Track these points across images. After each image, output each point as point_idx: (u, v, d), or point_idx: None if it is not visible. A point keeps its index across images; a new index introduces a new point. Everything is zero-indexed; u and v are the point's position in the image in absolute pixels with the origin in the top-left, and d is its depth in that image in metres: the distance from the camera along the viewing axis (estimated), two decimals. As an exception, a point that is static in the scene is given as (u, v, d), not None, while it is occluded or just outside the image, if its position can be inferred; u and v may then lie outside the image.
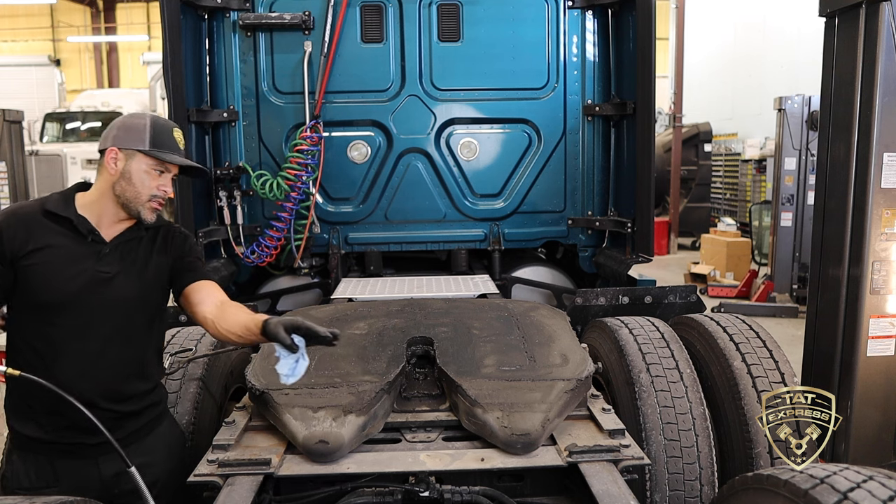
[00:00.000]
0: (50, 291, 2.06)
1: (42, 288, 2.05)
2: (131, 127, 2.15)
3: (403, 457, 2.12)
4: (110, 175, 2.12)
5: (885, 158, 2.98)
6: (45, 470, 2.12)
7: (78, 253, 2.10)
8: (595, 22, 4.40)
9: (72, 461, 2.14)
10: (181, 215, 3.97)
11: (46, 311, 2.07)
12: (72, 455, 2.14)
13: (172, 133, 2.19)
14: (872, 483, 1.51)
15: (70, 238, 2.10)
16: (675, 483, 2.50)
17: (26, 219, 2.08)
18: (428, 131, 4.38)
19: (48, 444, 2.11)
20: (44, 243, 2.06)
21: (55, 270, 2.06)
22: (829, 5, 3.14)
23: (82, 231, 2.11)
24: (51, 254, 2.06)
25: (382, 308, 3.09)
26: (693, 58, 14.91)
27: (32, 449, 2.13)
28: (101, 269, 2.12)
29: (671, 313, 3.64)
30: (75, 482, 2.13)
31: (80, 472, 2.14)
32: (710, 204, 14.73)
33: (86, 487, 2.12)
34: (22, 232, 2.05)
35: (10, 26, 24.75)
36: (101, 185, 2.15)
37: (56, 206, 2.11)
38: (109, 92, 18.56)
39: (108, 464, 2.16)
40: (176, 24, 3.86)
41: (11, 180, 8.08)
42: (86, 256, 2.11)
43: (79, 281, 2.09)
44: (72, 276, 2.08)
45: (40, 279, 2.05)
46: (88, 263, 2.11)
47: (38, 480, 2.12)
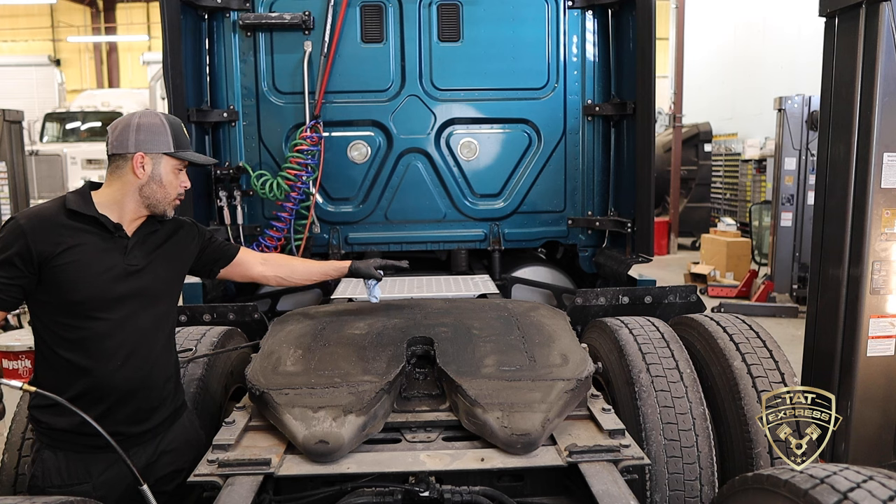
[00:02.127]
0: (86, 288, 2.09)
1: (77, 286, 2.08)
2: (152, 129, 2.18)
3: (403, 457, 2.12)
4: (137, 178, 2.16)
5: (885, 158, 2.98)
6: (77, 466, 2.14)
7: (106, 249, 2.14)
8: (595, 22, 4.40)
9: (104, 454, 2.15)
10: (181, 215, 3.96)
11: (83, 308, 2.10)
12: (103, 449, 2.14)
13: (183, 129, 2.27)
14: (872, 483, 1.51)
15: (96, 235, 2.13)
16: (675, 483, 2.50)
17: (51, 220, 2.10)
18: (428, 131, 4.38)
19: (82, 437, 2.12)
20: (73, 242, 2.09)
21: (88, 268, 2.10)
22: (829, 5, 3.14)
23: (109, 228, 2.15)
24: (81, 252, 2.09)
25: (382, 308, 3.09)
26: (693, 58, 14.91)
27: (65, 445, 2.15)
28: (130, 263, 2.18)
29: (671, 313, 3.64)
30: (107, 476, 2.16)
31: (112, 466, 2.17)
32: (710, 204, 14.73)
33: (118, 480, 2.16)
34: (49, 234, 2.07)
35: (10, 26, 24.75)
36: (123, 187, 2.17)
37: (79, 206, 2.13)
38: (109, 92, 18.55)
39: (139, 456, 2.21)
40: (176, 24, 3.87)
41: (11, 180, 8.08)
42: (114, 251, 2.15)
43: (111, 275, 2.13)
44: (104, 272, 2.12)
45: (74, 277, 2.08)
46: (117, 258, 2.15)
47: (70, 477, 2.13)
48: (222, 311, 3.60)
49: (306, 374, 2.42)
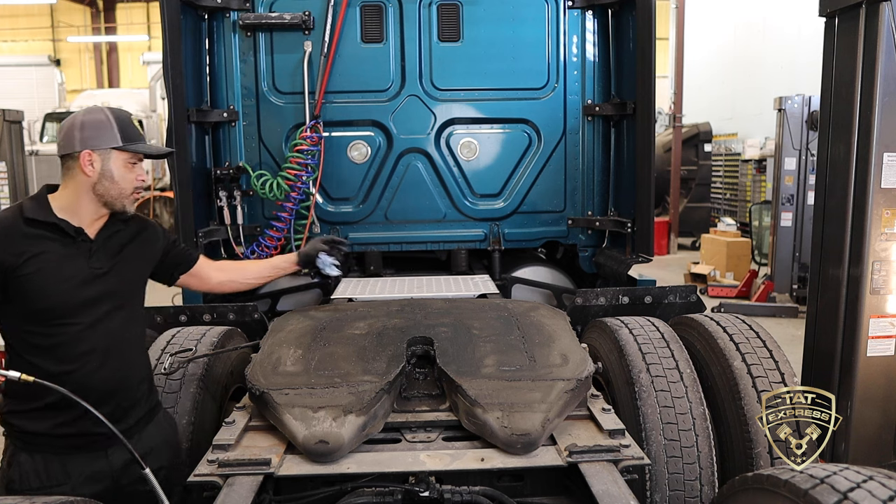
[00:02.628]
0: (54, 296, 2.07)
1: (44, 294, 2.06)
2: (97, 125, 2.13)
3: (403, 457, 2.12)
4: (87, 177, 2.12)
5: (885, 158, 2.98)
6: (55, 467, 2.13)
7: (69, 254, 2.11)
8: (595, 22, 4.40)
9: (81, 455, 2.15)
10: (181, 215, 3.97)
11: (52, 315, 2.09)
12: (81, 449, 2.15)
13: (132, 121, 2.22)
14: (872, 483, 1.51)
15: (58, 241, 2.10)
16: (675, 483, 2.50)
17: (10, 230, 2.07)
18: (428, 131, 4.38)
19: (59, 439, 2.12)
20: (36, 251, 2.06)
21: (53, 275, 2.07)
22: (829, 5, 3.14)
23: (70, 233, 2.11)
24: (44, 260, 2.06)
25: (382, 308, 3.09)
26: (693, 58, 14.91)
27: (41, 447, 2.13)
28: (95, 266, 2.15)
29: (671, 313, 3.64)
30: (86, 476, 2.15)
31: (90, 466, 2.16)
32: (710, 204, 14.73)
33: (97, 480, 2.16)
34: (10, 244, 2.04)
35: (10, 26, 24.75)
36: (76, 187, 2.14)
37: (36, 213, 2.09)
38: (109, 92, 18.57)
39: (117, 454, 2.19)
40: (176, 24, 3.86)
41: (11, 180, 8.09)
42: (77, 256, 2.13)
43: (77, 280, 2.11)
44: (70, 277, 2.10)
45: (40, 286, 2.05)
46: (82, 262, 2.13)
47: (48, 479, 2.12)
48: (222, 311, 3.60)
49: (306, 374, 2.42)
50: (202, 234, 4.10)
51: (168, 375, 2.75)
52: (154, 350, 2.96)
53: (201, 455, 2.15)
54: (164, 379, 2.75)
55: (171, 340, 3.04)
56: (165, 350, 2.93)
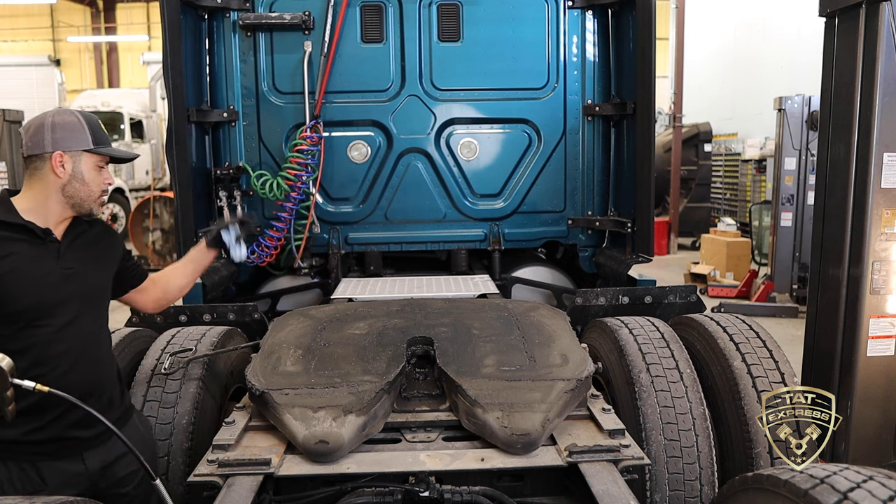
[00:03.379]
0: (25, 297, 2.04)
1: (15, 296, 2.03)
2: (68, 126, 2.13)
3: (403, 457, 2.13)
4: (57, 178, 2.11)
5: (885, 158, 2.98)
6: (30, 476, 2.09)
7: (38, 255, 2.09)
8: (595, 22, 4.40)
9: (57, 461, 2.12)
10: (181, 215, 3.97)
11: (25, 317, 2.05)
12: (56, 455, 2.12)
13: (100, 125, 2.22)
14: (872, 483, 1.51)
15: (26, 242, 2.08)
16: (675, 483, 2.50)
17: None
18: (428, 131, 4.38)
19: (31, 445, 2.08)
20: (4, 253, 2.03)
21: (24, 276, 2.04)
22: (829, 5, 3.14)
23: (38, 234, 2.10)
24: (14, 261, 2.04)
25: (382, 308, 3.09)
26: (693, 58, 14.90)
27: (15, 455, 2.09)
28: (65, 266, 2.14)
29: (671, 313, 3.64)
30: (62, 482, 2.11)
31: (66, 471, 2.13)
32: (710, 204, 14.73)
33: (74, 485, 2.12)
34: None
35: (10, 26, 24.75)
36: (43, 188, 2.12)
37: (2, 215, 2.07)
38: (109, 92, 18.55)
39: (93, 458, 2.16)
40: (176, 24, 3.86)
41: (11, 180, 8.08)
42: (47, 257, 2.11)
43: (48, 281, 2.09)
44: (41, 278, 2.07)
45: (11, 287, 2.02)
46: (51, 263, 2.11)
47: (24, 487, 2.08)
48: (222, 311, 3.60)
49: (306, 374, 2.42)
50: (202, 235, 4.09)
51: (168, 375, 2.75)
52: (154, 350, 2.96)
53: (201, 455, 2.15)
54: (164, 379, 2.75)
55: (171, 340, 3.04)
56: (165, 350, 2.93)
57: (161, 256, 11.75)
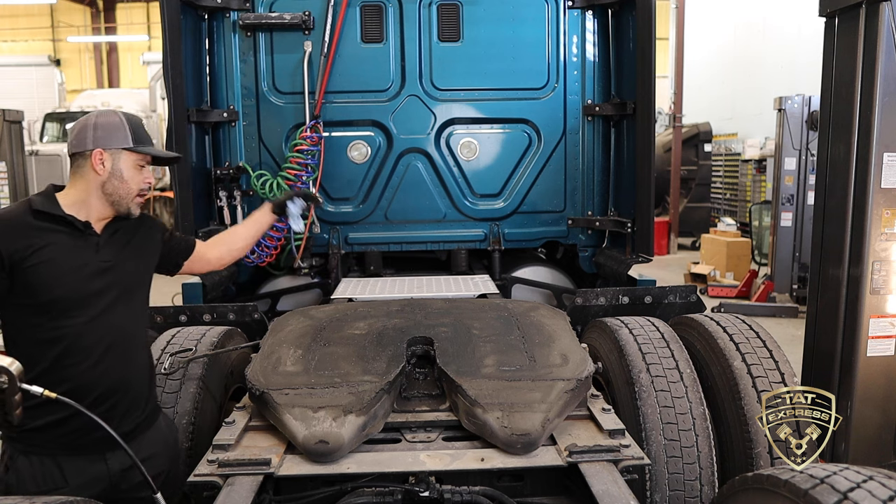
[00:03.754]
0: (60, 287, 2.09)
1: (50, 285, 2.08)
2: (109, 126, 2.18)
3: (403, 457, 2.12)
4: (97, 175, 2.16)
5: (885, 158, 2.98)
6: (53, 472, 2.12)
7: (77, 247, 2.14)
8: (595, 22, 4.40)
9: (79, 459, 2.14)
10: (181, 215, 3.97)
11: (57, 307, 2.10)
12: (80, 451, 2.14)
13: (143, 126, 2.27)
14: (872, 483, 1.51)
15: (66, 234, 2.13)
16: (675, 483, 2.50)
17: (18, 222, 2.09)
18: (428, 131, 4.38)
19: (57, 438, 2.12)
20: (43, 242, 2.08)
21: (60, 266, 2.09)
22: (829, 5, 3.14)
23: (78, 226, 2.15)
24: (52, 251, 2.09)
25: (382, 308, 3.09)
26: (693, 58, 14.91)
27: (39, 449, 2.12)
28: (103, 259, 2.18)
29: (671, 313, 3.64)
30: (84, 479, 2.14)
31: (87, 470, 2.15)
32: (710, 204, 14.73)
33: (94, 484, 2.15)
34: (18, 236, 2.06)
35: (10, 26, 24.74)
36: (85, 185, 2.17)
37: (45, 206, 2.13)
38: (109, 92, 18.53)
39: (115, 459, 2.18)
40: (176, 24, 3.86)
41: (11, 180, 8.09)
42: (85, 249, 2.15)
43: (85, 273, 2.13)
44: (77, 269, 2.12)
45: (47, 277, 2.07)
46: (89, 255, 2.16)
47: (45, 483, 2.11)
48: (222, 311, 3.60)
49: (306, 374, 2.42)
50: (202, 234, 4.10)
51: (168, 375, 2.75)
52: (154, 350, 2.96)
53: (201, 455, 2.15)
54: (164, 379, 2.75)
55: (171, 340, 3.04)
56: (165, 350, 2.93)
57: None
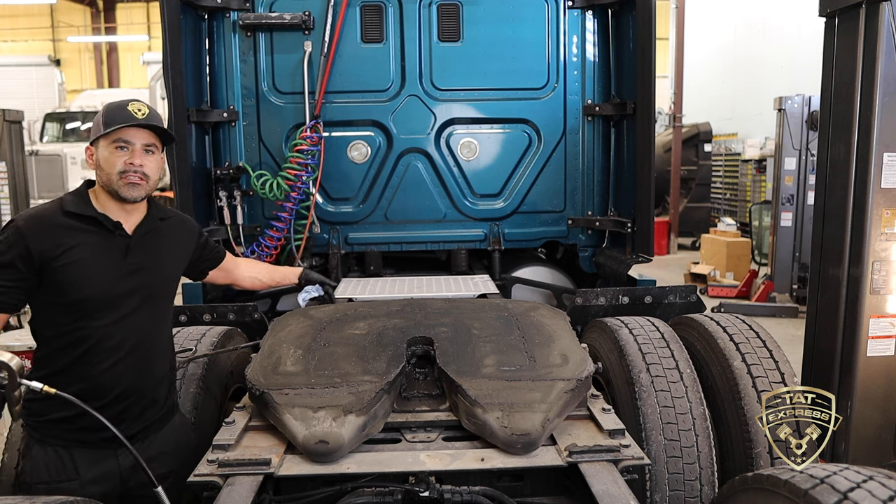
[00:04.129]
0: (88, 287, 2.11)
1: (79, 285, 2.10)
2: (93, 122, 2.24)
3: (403, 457, 2.12)
4: (94, 171, 2.22)
5: (885, 158, 2.98)
6: (66, 463, 2.15)
7: (107, 247, 2.17)
8: (595, 22, 4.40)
9: (92, 452, 2.17)
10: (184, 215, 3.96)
11: (84, 307, 2.12)
12: (93, 445, 2.17)
13: (127, 107, 2.18)
14: (872, 483, 1.51)
15: (96, 234, 2.16)
16: (675, 483, 2.50)
17: (50, 221, 2.12)
18: (428, 131, 4.38)
19: (71, 434, 2.14)
20: (74, 242, 2.11)
21: (89, 267, 2.12)
22: (829, 5, 3.14)
23: (108, 227, 2.18)
24: (82, 251, 2.11)
25: (382, 308, 3.09)
26: (693, 58, 14.91)
27: (53, 440, 2.15)
28: (131, 261, 2.21)
29: (671, 313, 3.64)
30: (95, 474, 2.17)
31: (99, 464, 2.18)
32: (710, 204, 14.73)
33: (105, 479, 2.18)
34: (49, 235, 2.09)
35: (10, 26, 24.75)
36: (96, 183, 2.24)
37: (76, 206, 2.16)
38: (109, 92, 18.55)
39: (126, 456, 2.20)
40: (176, 24, 3.86)
41: (11, 180, 8.08)
42: (114, 250, 2.18)
43: (113, 274, 2.16)
44: (105, 270, 2.15)
45: (76, 277, 2.09)
46: (118, 256, 2.18)
47: (58, 473, 2.14)
48: (222, 311, 3.60)
49: (306, 374, 2.42)
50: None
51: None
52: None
53: (201, 455, 2.15)
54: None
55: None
56: (165, 350, 2.93)
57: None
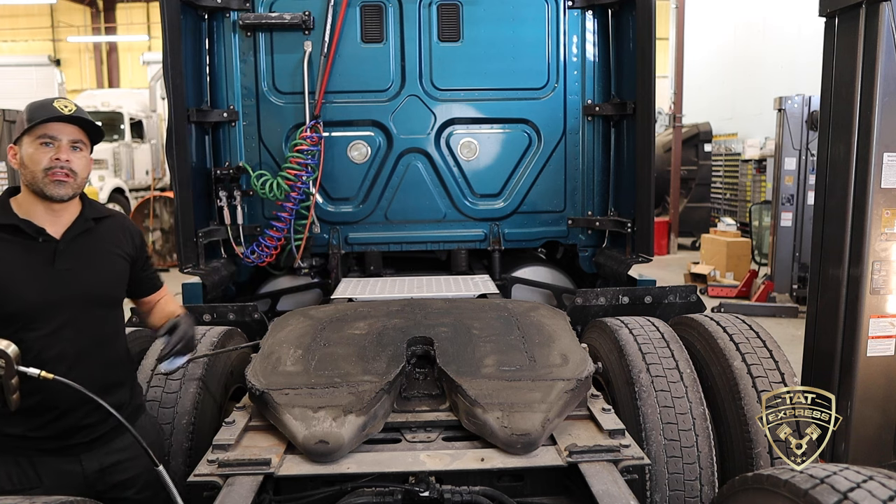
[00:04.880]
0: (16, 300, 2.02)
1: (6, 299, 2.01)
2: (16, 121, 2.14)
3: (403, 457, 2.12)
4: (18, 170, 2.11)
5: (885, 158, 2.98)
6: (27, 471, 2.09)
7: (32, 256, 2.07)
8: (595, 22, 4.40)
9: (54, 459, 2.12)
10: (181, 215, 3.97)
11: (16, 321, 2.02)
12: (56, 453, 2.12)
13: (53, 103, 2.11)
14: (872, 483, 1.51)
15: (20, 244, 2.06)
16: (675, 483, 2.50)
17: None
18: (428, 131, 4.38)
19: (34, 441, 2.09)
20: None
21: (14, 279, 2.02)
22: (829, 5, 3.14)
23: (30, 233, 2.08)
24: (5, 264, 2.02)
25: (382, 308, 3.09)
26: (693, 58, 14.90)
27: (14, 450, 2.09)
28: (60, 268, 2.10)
29: (671, 313, 3.64)
30: (58, 481, 2.11)
31: (62, 470, 2.13)
32: (710, 204, 14.73)
33: (68, 485, 2.11)
34: None
35: (10, 26, 24.75)
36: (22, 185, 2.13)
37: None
38: (109, 92, 18.54)
39: (91, 460, 2.16)
40: (176, 24, 3.86)
41: (11, 180, 8.09)
42: (41, 257, 2.08)
43: (41, 284, 2.06)
44: (32, 280, 2.05)
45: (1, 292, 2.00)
46: (43, 264, 2.08)
47: (20, 482, 2.08)
48: (222, 311, 3.60)
49: (306, 374, 2.42)
50: (202, 234, 4.10)
51: (168, 375, 2.74)
52: (154, 350, 2.96)
53: (201, 455, 2.15)
54: (164, 379, 2.75)
55: (171, 340, 3.03)
56: (165, 350, 2.92)
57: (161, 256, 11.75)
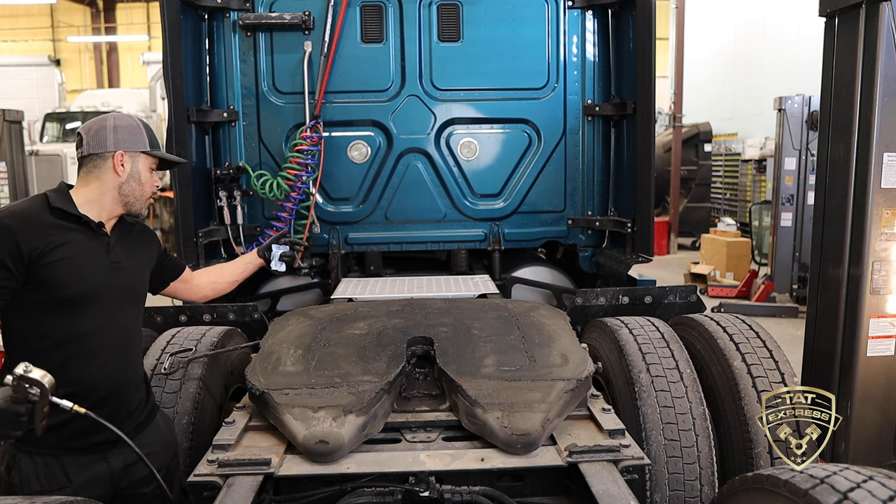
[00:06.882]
0: (77, 285, 2.12)
1: (67, 282, 2.10)
2: (130, 129, 2.25)
3: (403, 457, 2.12)
4: (117, 177, 2.22)
5: (885, 158, 2.98)
6: (56, 471, 2.14)
7: (91, 246, 2.18)
8: (595, 22, 4.40)
9: (81, 458, 2.17)
10: (181, 215, 3.97)
11: (72, 305, 2.12)
12: (82, 451, 2.17)
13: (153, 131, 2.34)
14: (872, 483, 1.51)
15: (82, 233, 2.17)
16: (675, 483, 2.50)
17: (38, 219, 2.11)
18: (428, 131, 4.38)
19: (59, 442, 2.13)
20: (61, 240, 2.11)
21: (77, 264, 2.12)
22: (829, 5, 3.14)
23: (92, 226, 2.18)
24: (69, 249, 2.11)
25: (382, 308, 3.09)
26: (693, 58, 14.91)
27: (42, 450, 2.13)
28: (114, 259, 2.23)
29: (671, 313, 3.64)
30: (86, 479, 2.16)
31: (89, 469, 2.18)
32: (710, 204, 14.74)
33: (96, 483, 2.17)
34: (38, 232, 2.08)
35: (10, 26, 24.74)
36: (100, 186, 2.22)
37: (63, 204, 2.16)
38: (109, 92, 18.53)
39: (116, 457, 2.21)
40: (176, 24, 3.86)
41: (11, 180, 8.09)
42: (98, 248, 2.20)
43: (99, 271, 2.18)
44: (92, 267, 2.16)
45: (63, 275, 2.09)
46: (101, 255, 2.20)
47: (49, 483, 2.12)
48: (222, 311, 3.60)
49: (306, 374, 2.42)
50: (202, 234, 4.10)
51: (168, 375, 2.75)
52: (154, 350, 2.97)
53: (201, 455, 2.15)
54: (164, 379, 2.76)
55: (171, 340, 3.04)
56: (165, 350, 2.93)
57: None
